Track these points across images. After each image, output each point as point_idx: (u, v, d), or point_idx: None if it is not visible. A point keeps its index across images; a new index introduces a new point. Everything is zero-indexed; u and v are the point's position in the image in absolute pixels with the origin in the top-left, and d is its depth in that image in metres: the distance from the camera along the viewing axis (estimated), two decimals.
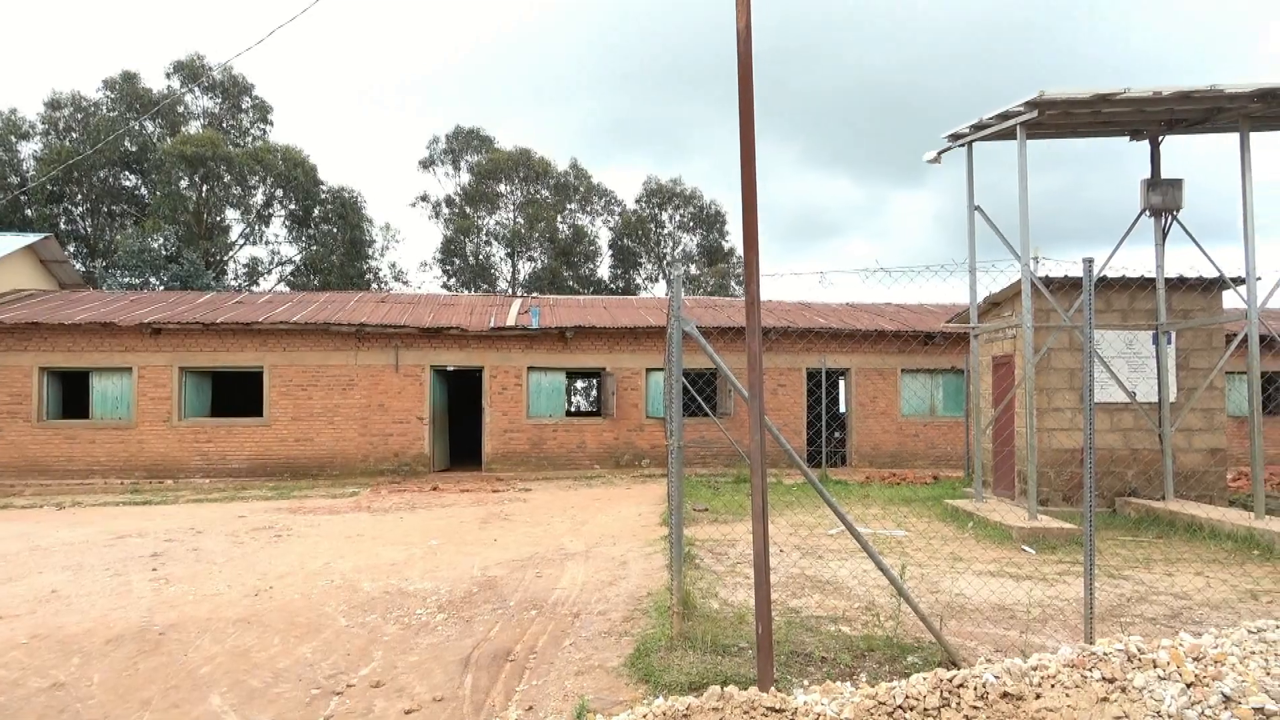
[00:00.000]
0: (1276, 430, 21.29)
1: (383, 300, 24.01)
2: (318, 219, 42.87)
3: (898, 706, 3.82)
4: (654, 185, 48.51)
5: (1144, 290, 13.08)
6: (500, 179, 46.36)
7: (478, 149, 47.34)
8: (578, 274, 46.76)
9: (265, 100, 43.31)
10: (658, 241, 48.66)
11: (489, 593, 7.91)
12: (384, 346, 19.79)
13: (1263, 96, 10.71)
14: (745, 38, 4.93)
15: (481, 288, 45.19)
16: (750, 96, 4.92)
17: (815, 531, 10.93)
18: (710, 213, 48.23)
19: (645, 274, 48.70)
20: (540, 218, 45.20)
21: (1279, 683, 3.86)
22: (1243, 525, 10.35)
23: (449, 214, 47.23)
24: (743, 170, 4.87)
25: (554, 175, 46.99)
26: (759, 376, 4.84)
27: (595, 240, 48.07)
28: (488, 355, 20.26)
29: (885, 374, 21.37)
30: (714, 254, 47.60)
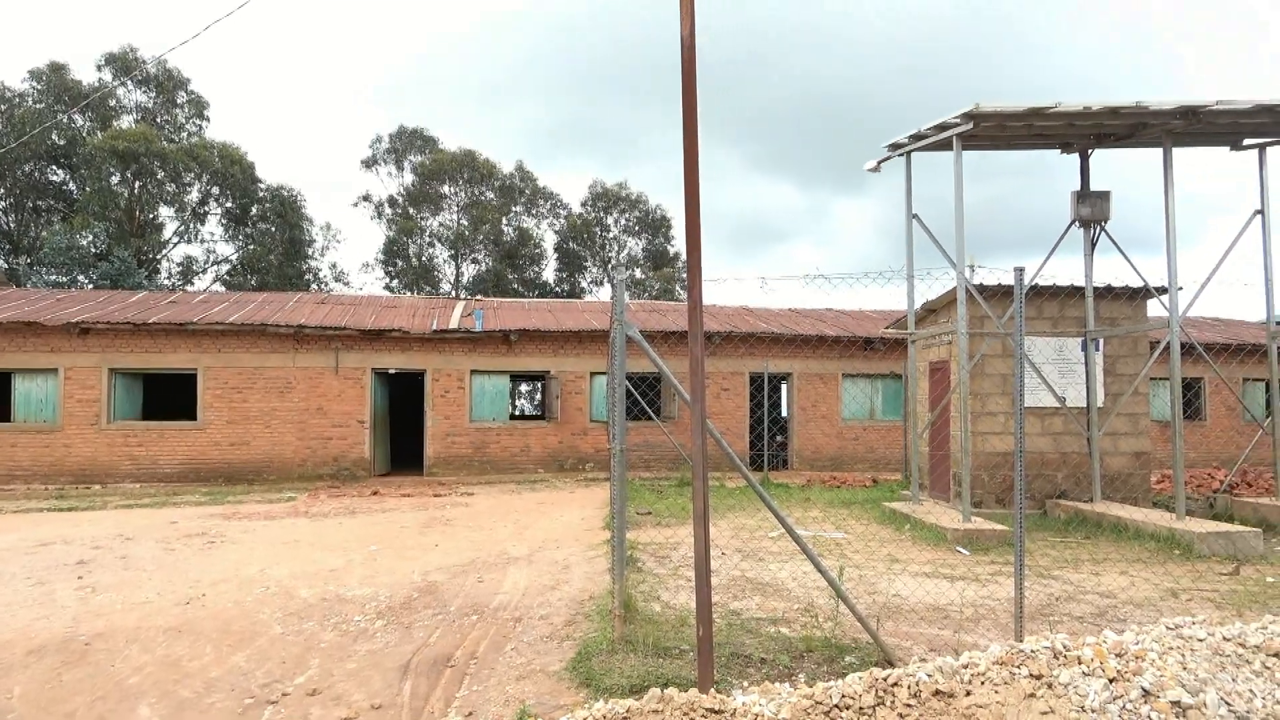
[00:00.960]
0: (1196, 434, 22.15)
1: (323, 301, 23.60)
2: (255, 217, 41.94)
3: (834, 706, 3.88)
4: (600, 189, 48.54)
5: (1074, 298, 13.49)
6: (444, 180, 45.92)
7: (421, 149, 46.82)
8: (522, 277, 46.52)
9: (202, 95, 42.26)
10: (603, 245, 48.68)
11: (429, 598, 7.83)
12: (324, 348, 19.44)
13: (1184, 114, 11.15)
14: (689, 44, 4.98)
15: (425, 290, 44.68)
16: (694, 102, 4.97)
17: (757, 534, 11.05)
18: (656, 217, 48.42)
19: (591, 277, 48.68)
20: (485, 220, 44.88)
21: (1194, 677, 4.02)
22: (1165, 526, 10.74)
23: (392, 214, 46.62)
24: (686, 175, 4.91)
25: (499, 177, 46.69)
26: (701, 380, 4.88)
27: (540, 243, 47.88)
28: (430, 358, 20.04)
29: (826, 379, 21.69)
30: (659, 258, 47.78)
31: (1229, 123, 11.81)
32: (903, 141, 13.10)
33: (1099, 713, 3.77)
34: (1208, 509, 13.09)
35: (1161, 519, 11.22)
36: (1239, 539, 10.10)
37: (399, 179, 47.27)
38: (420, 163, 46.07)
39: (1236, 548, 10.00)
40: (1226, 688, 3.98)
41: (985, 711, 3.80)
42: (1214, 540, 10.08)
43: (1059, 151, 13.77)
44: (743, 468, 5.63)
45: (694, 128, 4.91)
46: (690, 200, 4.88)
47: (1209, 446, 22.01)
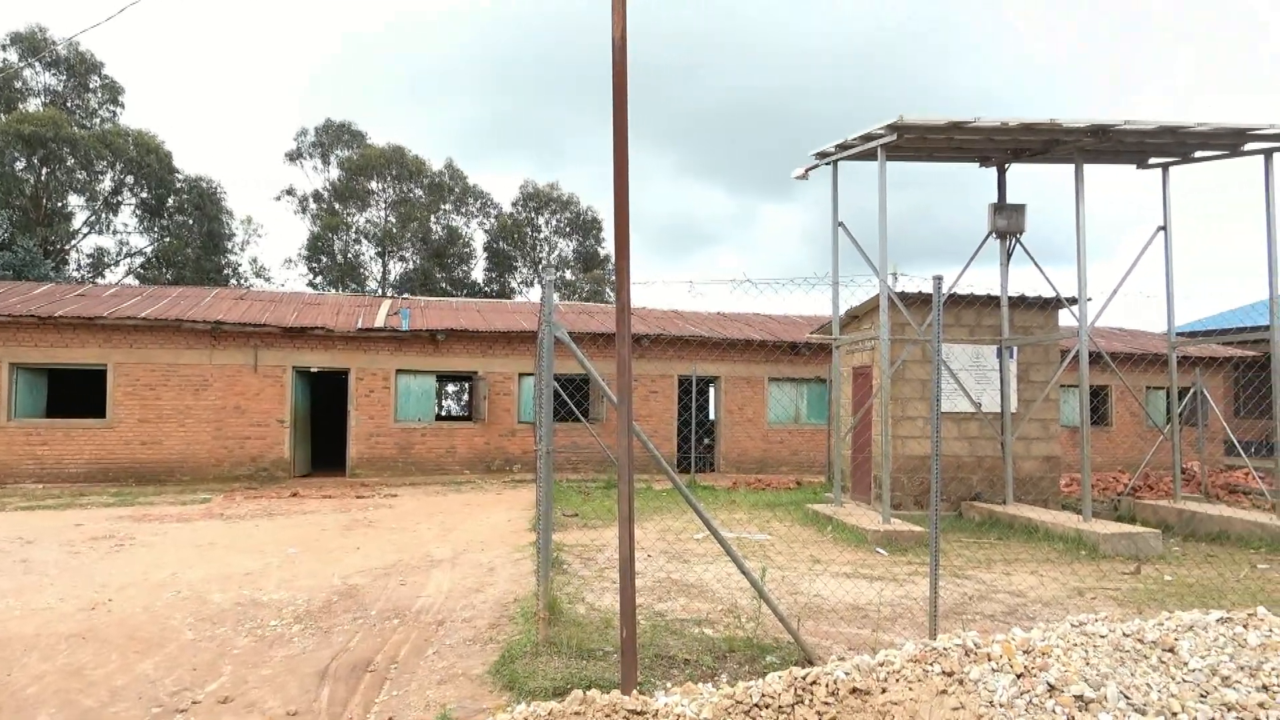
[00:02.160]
0: (1103, 440, 23.11)
1: (242, 297, 22.92)
2: (172, 209, 40.49)
3: (754, 705, 3.93)
4: (531, 189, 48.25)
5: (990, 307, 13.95)
6: (372, 176, 45.05)
7: (348, 144, 45.86)
8: (451, 276, 45.94)
9: (116, 81, 40.57)
10: (534, 246, 48.41)
11: (349, 602, 7.67)
12: (242, 346, 18.88)
13: (1095, 132, 11.64)
14: (620, 47, 4.99)
15: (350, 287, 43.76)
16: (624, 104, 4.98)
17: (682, 536, 11.12)
18: (587, 219, 48.36)
19: (521, 278, 48.36)
20: (413, 217, 44.19)
21: (1096, 672, 4.19)
22: (1073, 527, 11.18)
23: (316, 210, 45.55)
24: (615, 178, 4.92)
25: (428, 174, 46.02)
26: (628, 382, 4.90)
27: (470, 242, 47.36)
28: (354, 357, 19.64)
29: (753, 382, 21.97)
30: (590, 260, 47.74)
31: (1136, 142, 12.37)
32: (829, 150, 13.37)
33: (1007, 707, 3.91)
34: (1112, 511, 13.66)
35: (1069, 520, 11.68)
36: (1140, 540, 10.58)
37: (325, 174, 46.26)
38: (347, 158, 45.11)
39: (1138, 548, 10.46)
40: (1126, 681, 4.16)
41: (900, 708, 3.91)
42: (1117, 541, 10.53)
43: (978, 165, 14.23)
44: (669, 470, 5.68)
45: (624, 130, 4.93)
46: (619, 203, 4.90)
47: (1115, 451, 22.99)
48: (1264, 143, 12.07)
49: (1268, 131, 11.59)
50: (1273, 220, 11.99)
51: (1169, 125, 11.45)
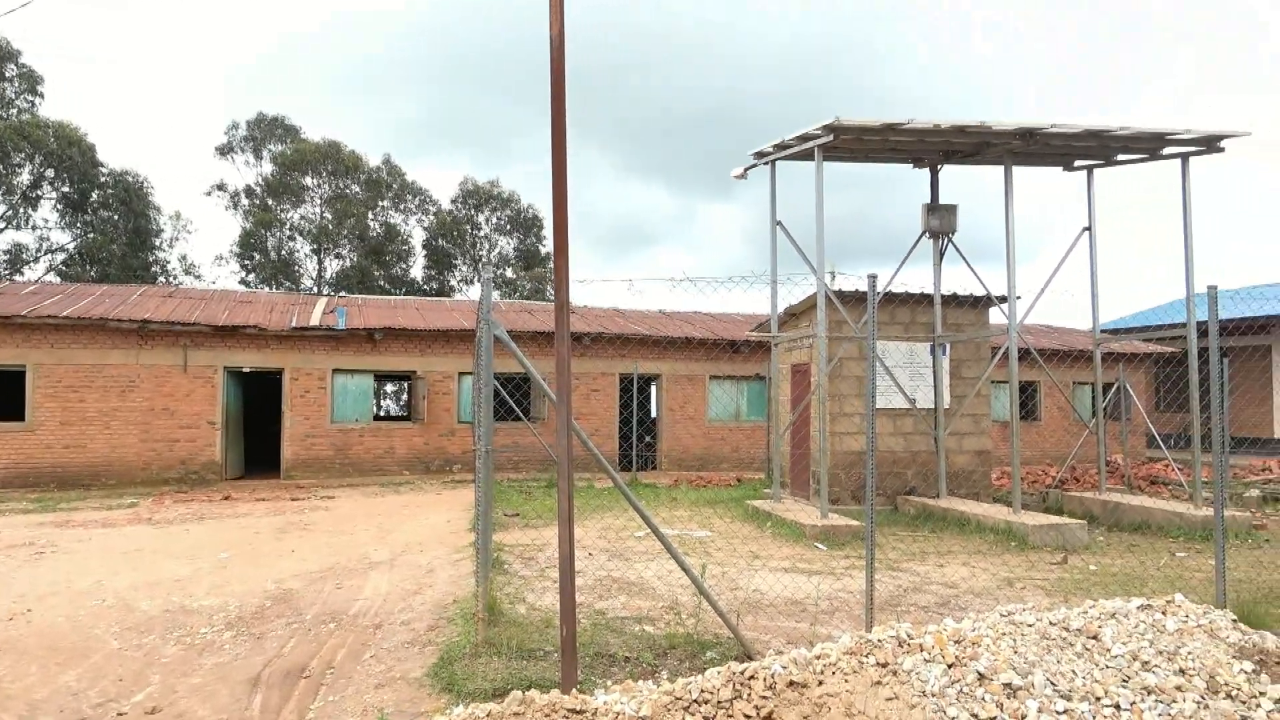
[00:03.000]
0: (1032, 434, 23.79)
1: (170, 295, 22.25)
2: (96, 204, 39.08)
3: (693, 701, 3.96)
4: (471, 186, 47.75)
5: (924, 305, 14.25)
6: (306, 171, 44.08)
7: (282, 138, 44.79)
8: (389, 274, 45.23)
9: (34, 70, 38.99)
10: (474, 244, 47.93)
11: (283, 606, 7.51)
12: (171, 345, 18.33)
13: (1023, 135, 11.97)
14: (559, 45, 4.97)
15: (284, 285, 42.78)
16: (562, 102, 4.97)
17: (623, 534, 11.14)
18: (528, 217, 48.04)
19: (461, 276, 47.83)
20: (350, 214, 43.37)
21: (1024, 660, 4.32)
22: (1003, 520, 11.49)
23: (249, 205, 44.41)
24: (554, 176, 4.90)
25: (365, 170, 45.21)
26: (567, 381, 4.89)
27: (409, 240, 46.67)
28: (289, 356, 19.21)
29: (694, 380, 22.09)
30: (531, 258, 47.44)
31: (1062, 145, 12.75)
32: (768, 150, 13.51)
33: (938, 697, 4.00)
34: (1041, 503, 14.08)
35: (1000, 513, 12.00)
36: (1067, 531, 10.92)
37: (257, 168, 45.11)
38: (281, 152, 44.06)
39: (1065, 539, 10.80)
40: (1052, 668, 4.30)
41: (835, 700, 3.97)
42: (1046, 532, 10.85)
43: (912, 166, 14.52)
44: (608, 468, 5.68)
45: (563, 129, 4.91)
46: (558, 202, 4.88)
47: (1043, 445, 23.69)
48: (1181, 147, 12.55)
49: (1184, 136, 12.05)
50: (1189, 222, 12.47)
51: (1093, 129, 11.83)
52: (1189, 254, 12.47)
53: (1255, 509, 13.30)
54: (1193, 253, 12.43)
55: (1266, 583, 8.35)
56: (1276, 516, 12.99)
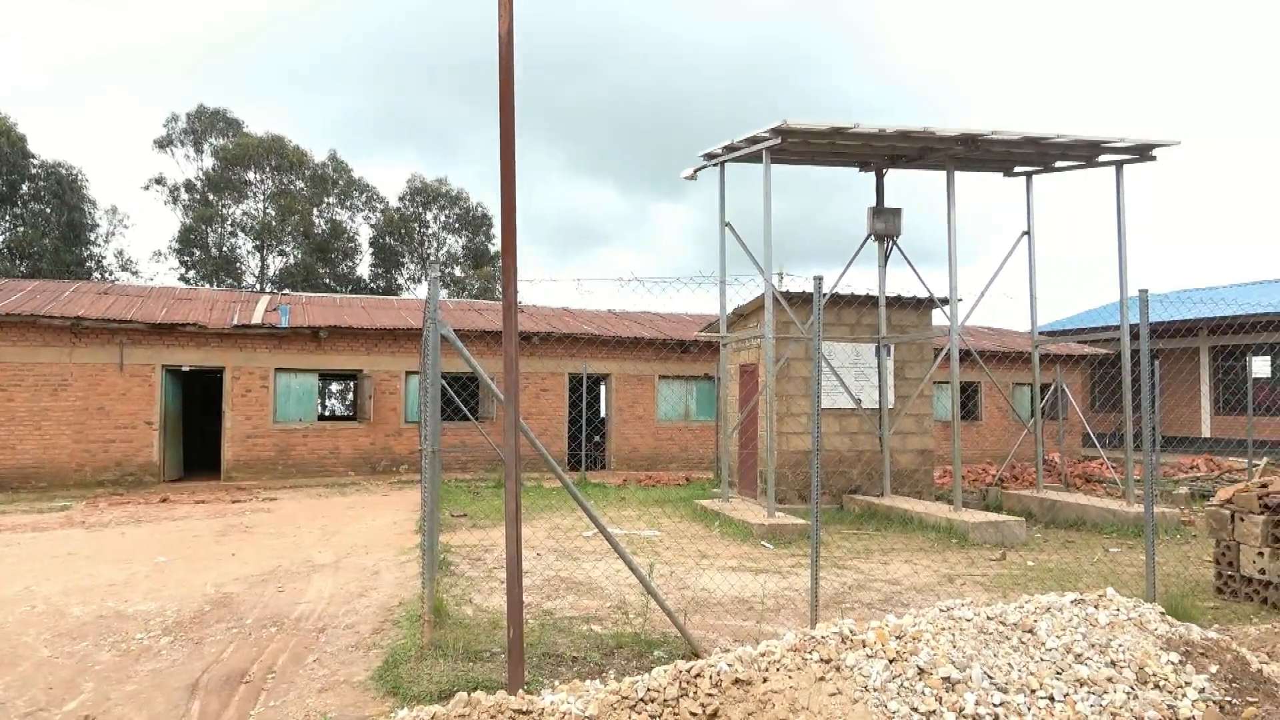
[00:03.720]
0: (973, 433, 24.32)
1: (106, 291, 21.61)
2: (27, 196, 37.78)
3: (640, 699, 3.98)
4: (419, 184, 47.20)
5: (869, 307, 14.48)
6: (249, 166, 43.16)
7: (224, 132, 43.76)
8: (335, 271, 44.50)
9: None
10: (422, 241, 47.40)
11: (223, 611, 7.36)
12: (106, 343, 17.80)
13: (965, 141, 12.23)
14: (507, 42, 4.95)
15: (226, 282, 41.82)
16: (511, 100, 4.94)
17: (572, 534, 11.13)
18: (477, 215, 47.65)
19: (408, 274, 47.25)
20: (294, 210, 42.56)
21: (963, 654, 4.42)
22: (945, 517, 11.73)
23: (189, 200, 43.32)
24: (502, 174, 4.88)
25: (310, 166, 44.42)
26: (515, 380, 4.87)
27: (355, 237, 45.97)
28: (230, 355, 18.80)
29: (644, 380, 22.14)
30: (480, 257, 47.06)
31: (1002, 151, 13.06)
32: (717, 152, 13.60)
33: (880, 691, 4.08)
34: (981, 501, 14.39)
35: (942, 511, 12.25)
36: (1006, 528, 11.19)
37: (198, 162, 44.02)
38: (222, 146, 43.05)
39: (1004, 535, 11.06)
40: (989, 662, 4.41)
41: (780, 696, 4.02)
42: (985, 529, 11.11)
43: (858, 170, 14.74)
44: (556, 467, 5.67)
45: (511, 127, 4.89)
46: (506, 200, 4.86)
47: (984, 444, 24.23)
48: (1115, 155, 12.95)
49: (1118, 145, 12.44)
50: (1123, 227, 12.87)
51: (1031, 136, 12.14)
52: (1122, 259, 12.86)
53: (1184, 506, 13.77)
54: (1126, 257, 12.83)
55: (1193, 576, 8.66)
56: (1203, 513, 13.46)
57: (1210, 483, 15.80)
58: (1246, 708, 4.23)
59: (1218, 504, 8.07)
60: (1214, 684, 4.42)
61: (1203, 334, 26.24)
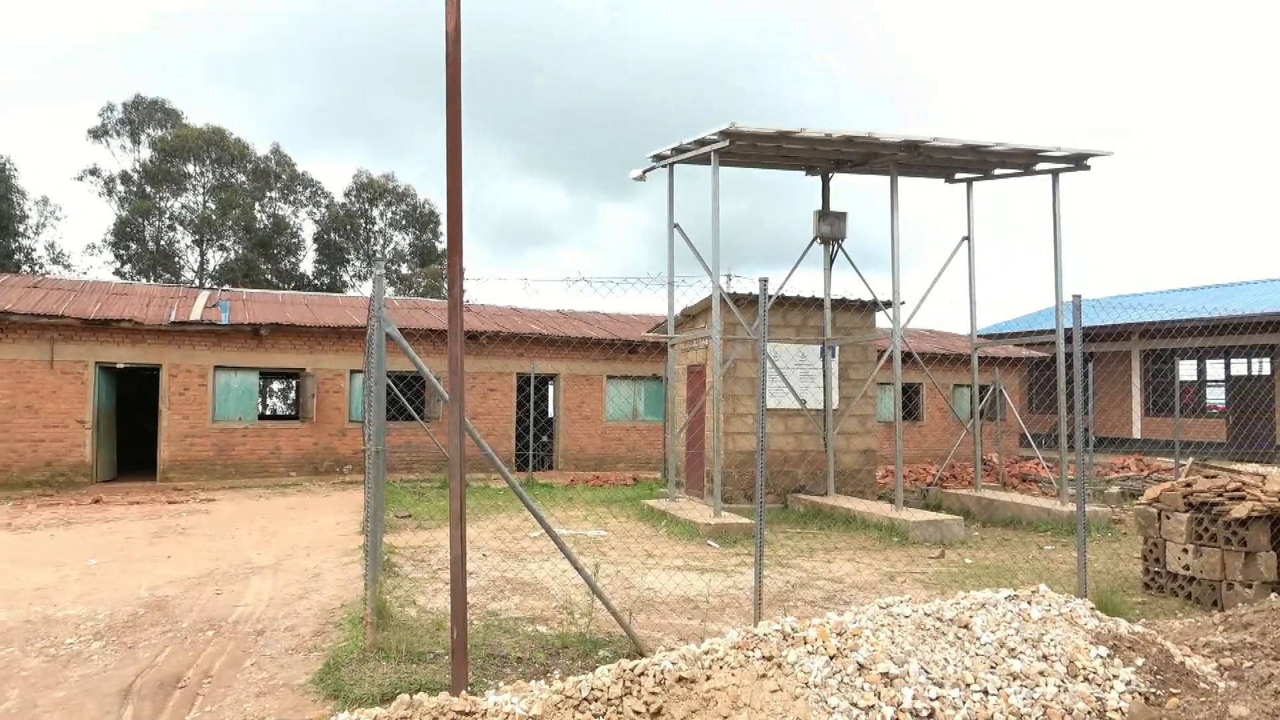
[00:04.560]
0: (915, 434, 24.79)
1: (36, 285, 20.89)
2: None
3: (584, 699, 3.99)
4: (365, 179, 46.51)
5: (814, 309, 14.68)
6: (189, 158, 42.07)
7: (162, 123, 42.58)
8: (277, 268, 43.63)
9: None
10: (368, 238, 46.73)
11: (158, 614, 7.18)
12: (35, 339, 17.21)
13: (908, 147, 12.46)
14: (454, 39, 4.92)
15: (164, 277, 40.71)
16: (458, 98, 4.92)
17: (518, 534, 11.08)
18: (424, 212, 47.13)
19: (353, 271, 46.54)
20: (235, 204, 41.61)
21: (901, 650, 4.52)
22: (886, 516, 11.94)
23: (125, 192, 42.08)
24: (448, 171, 4.85)
25: (252, 159, 43.48)
26: (460, 380, 4.84)
27: (298, 232, 45.12)
28: (168, 352, 18.31)
29: (592, 380, 22.13)
30: (427, 254, 46.55)
31: (944, 158, 13.33)
32: (665, 153, 13.66)
33: (821, 687, 4.15)
34: (922, 500, 14.68)
35: (884, 510, 12.47)
36: (944, 526, 11.44)
37: (134, 154, 42.77)
38: (160, 137, 41.89)
39: (943, 534, 11.30)
40: (927, 657, 4.51)
41: (723, 693, 4.07)
42: (925, 528, 11.34)
43: (805, 173, 14.93)
44: (502, 468, 5.65)
45: (458, 124, 4.87)
46: (452, 198, 4.83)
47: (925, 444, 24.71)
48: (1052, 163, 13.31)
49: (1055, 154, 12.79)
50: (1059, 234, 13.24)
51: (972, 144, 12.42)
52: (1058, 264, 13.22)
53: (1115, 505, 14.21)
54: (1062, 263, 13.20)
55: (1122, 573, 8.95)
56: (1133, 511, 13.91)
57: (1140, 482, 16.34)
58: (1170, 699, 4.39)
59: (1145, 503, 8.36)
60: (1140, 676, 4.58)
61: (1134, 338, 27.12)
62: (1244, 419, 24.18)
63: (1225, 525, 7.46)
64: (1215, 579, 7.51)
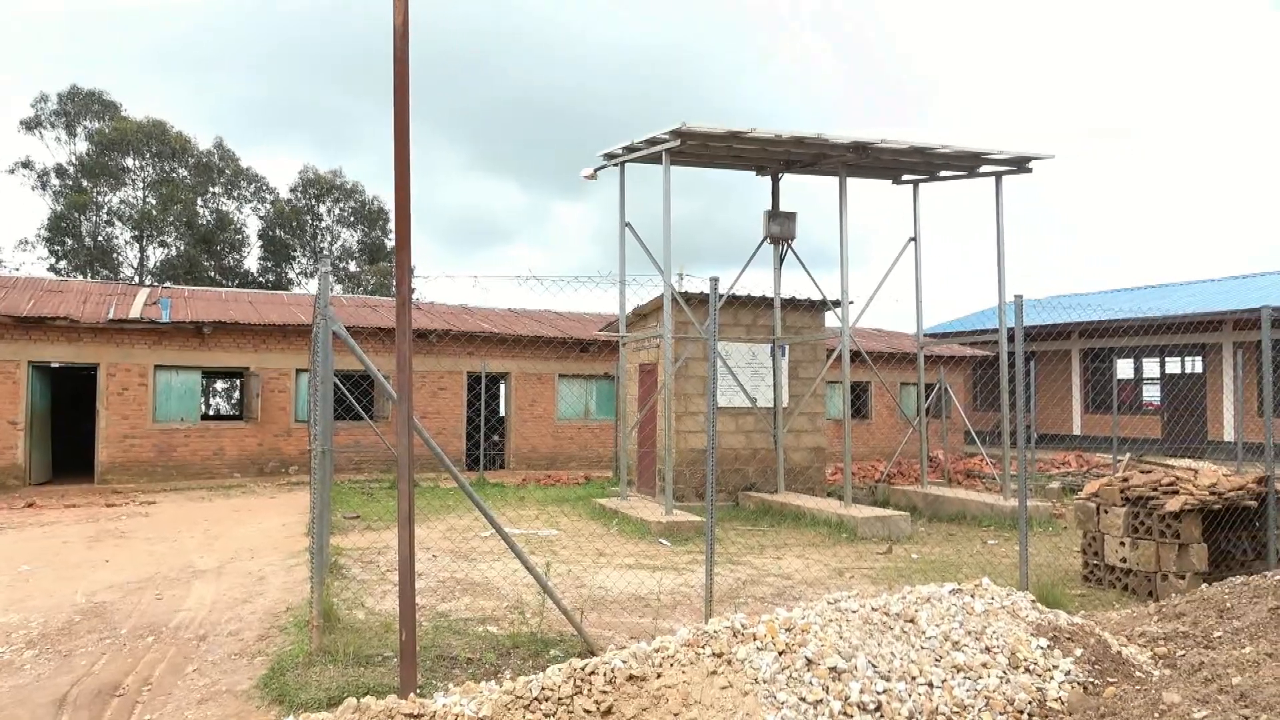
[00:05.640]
0: (863, 431, 25.14)
1: None
2: None
3: (534, 699, 3.97)
4: (312, 175, 45.65)
5: (764, 308, 14.80)
6: (128, 151, 40.89)
7: (99, 115, 41.32)
8: (221, 264, 42.64)
9: None
10: (315, 235, 45.90)
11: (95, 621, 6.98)
12: None
13: (856, 148, 12.63)
14: (402, 34, 4.86)
15: (101, 274, 39.52)
16: (406, 93, 4.86)
17: (469, 534, 11.00)
18: (373, 209, 46.41)
19: (300, 268, 45.66)
20: (177, 199, 40.55)
21: (849, 644, 4.58)
22: (835, 513, 12.10)
23: (60, 186, 40.74)
24: (396, 167, 4.79)
25: (195, 154, 42.40)
26: (408, 379, 4.79)
27: (243, 229, 44.12)
28: (106, 351, 17.80)
29: (544, 379, 22.04)
30: (376, 252, 45.88)
31: (891, 159, 13.54)
32: (617, 152, 13.66)
33: (770, 683, 4.18)
34: (870, 497, 14.90)
35: (833, 507, 12.62)
36: (892, 522, 11.62)
37: (70, 146, 41.40)
38: (98, 130, 40.65)
39: (890, 530, 11.48)
40: (873, 651, 4.58)
41: (673, 691, 4.08)
42: (873, 524, 11.50)
43: (755, 174, 15.04)
44: (451, 467, 5.60)
45: (406, 120, 4.81)
46: (400, 195, 4.77)
47: (873, 442, 25.07)
48: (995, 166, 13.60)
49: (998, 156, 13.07)
50: (1002, 235, 13.53)
51: (918, 146, 12.63)
52: (1001, 265, 13.52)
53: (1056, 500, 14.57)
54: (1004, 264, 13.50)
55: (1063, 566, 9.18)
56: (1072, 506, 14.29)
57: (1080, 478, 16.77)
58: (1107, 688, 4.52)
59: (1085, 498, 8.59)
60: (1079, 666, 4.70)
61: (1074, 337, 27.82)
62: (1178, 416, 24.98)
63: (1160, 519, 7.70)
64: (1150, 571, 7.74)
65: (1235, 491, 7.86)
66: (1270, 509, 7.90)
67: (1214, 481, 7.98)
